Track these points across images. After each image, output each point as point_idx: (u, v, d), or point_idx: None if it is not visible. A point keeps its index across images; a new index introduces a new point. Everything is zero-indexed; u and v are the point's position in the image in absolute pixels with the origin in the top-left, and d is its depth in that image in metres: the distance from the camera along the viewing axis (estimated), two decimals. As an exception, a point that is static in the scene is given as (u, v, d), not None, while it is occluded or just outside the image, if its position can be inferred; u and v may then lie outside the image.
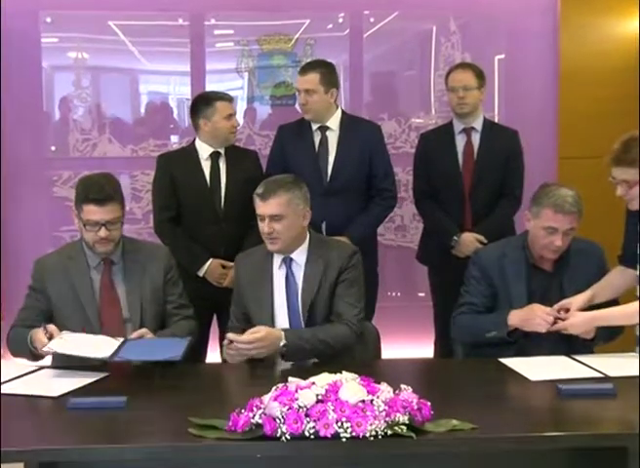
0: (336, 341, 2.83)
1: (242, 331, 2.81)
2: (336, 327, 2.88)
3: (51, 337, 2.70)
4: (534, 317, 2.86)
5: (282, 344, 2.76)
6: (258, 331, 2.75)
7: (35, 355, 2.78)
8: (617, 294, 2.95)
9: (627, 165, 2.62)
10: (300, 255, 2.97)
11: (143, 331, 2.81)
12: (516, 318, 2.91)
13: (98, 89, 4.51)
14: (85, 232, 2.89)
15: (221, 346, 3.71)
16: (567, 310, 2.87)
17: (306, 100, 3.70)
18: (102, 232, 2.84)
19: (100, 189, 2.83)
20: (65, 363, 2.73)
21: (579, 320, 2.82)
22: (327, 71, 3.74)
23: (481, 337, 2.97)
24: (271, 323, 2.91)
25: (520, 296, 3.00)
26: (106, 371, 2.68)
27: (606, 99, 4.43)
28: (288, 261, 2.97)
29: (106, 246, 2.89)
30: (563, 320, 2.85)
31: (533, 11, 4.59)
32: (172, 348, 2.68)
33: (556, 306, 2.88)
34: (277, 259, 2.98)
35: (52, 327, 2.75)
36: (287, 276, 2.96)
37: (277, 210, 2.88)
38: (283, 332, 2.78)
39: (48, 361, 2.85)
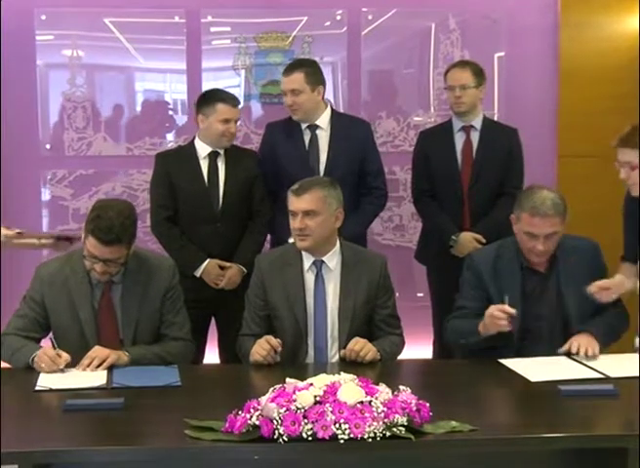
0: (397, 352, 2.99)
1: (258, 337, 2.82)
2: (392, 338, 2.98)
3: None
4: (488, 319, 2.80)
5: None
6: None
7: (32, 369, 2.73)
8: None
9: (632, 147, 2.67)
10: (331, 260, 2.93)
11: (114, 358, 2.72)
12: (481, 324, 2.86)
13: (93, 87, 4.48)
14: (85, 257, 2.81)
15: (220, 347, 3.71)
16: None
17: (293, 101, 3.63)
18: (99, 267, 2.77)
19: (107, 230, 2.70)
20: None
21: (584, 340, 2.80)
22: (311, 69, 3.68)
23: (465, 341, 2.94)
24: (305, 325, 2.90)
25: (514, 299, 2.95)
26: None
27: (606, 97, 4.42)
28: (319, 264, 2.93)
29: (101, 277, 2.81)
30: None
31: (532, 8, 4.57)
32: (166, 375, 2.66)
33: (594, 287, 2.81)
34: (307, 262, 2.94)
35: (65, 356, 2.69)
36: (316, 279, 2.92)
37: (311, 205, 2.85)
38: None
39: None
